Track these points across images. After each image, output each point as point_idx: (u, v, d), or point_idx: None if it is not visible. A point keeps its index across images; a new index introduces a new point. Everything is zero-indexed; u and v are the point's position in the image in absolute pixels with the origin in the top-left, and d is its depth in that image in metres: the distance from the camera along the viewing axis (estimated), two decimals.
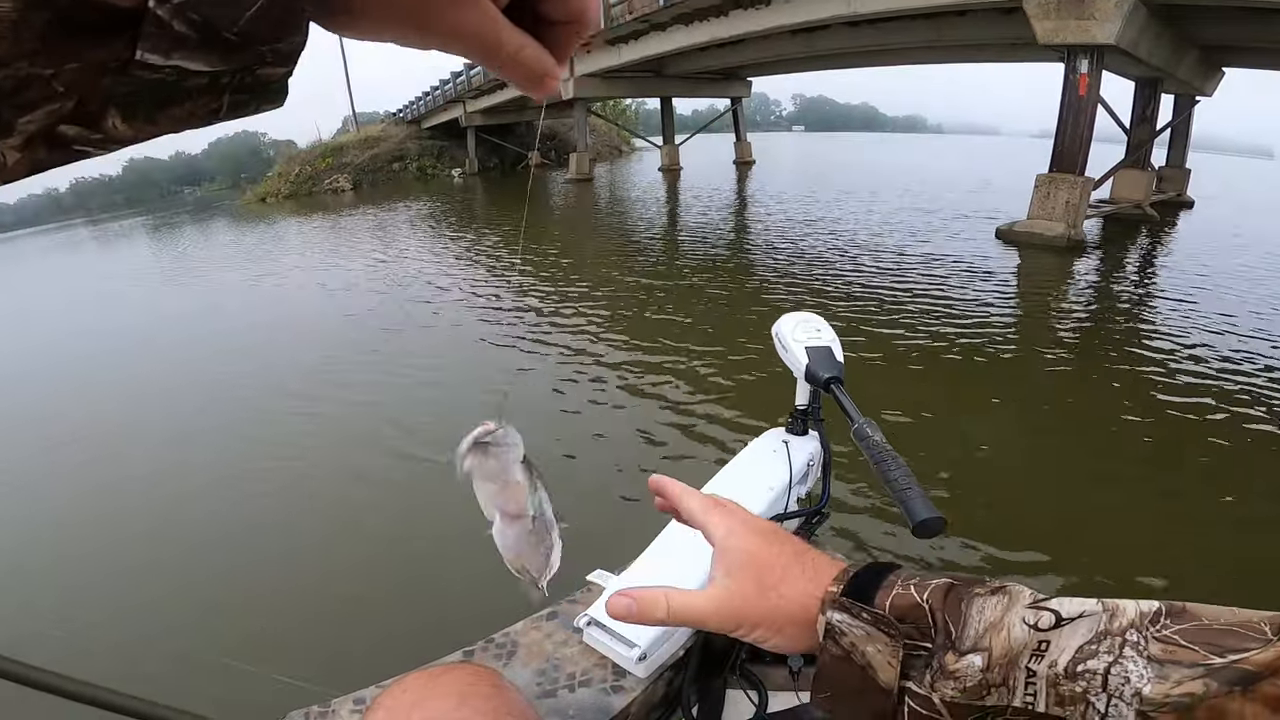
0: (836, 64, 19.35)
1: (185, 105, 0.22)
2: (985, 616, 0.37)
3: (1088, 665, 0.34)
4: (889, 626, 0.39)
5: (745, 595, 0.43)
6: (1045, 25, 8.91)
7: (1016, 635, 0.36)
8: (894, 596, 0.39)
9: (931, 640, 0.38)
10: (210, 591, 3.04)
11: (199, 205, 46.08)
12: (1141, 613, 0.35)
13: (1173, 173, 14.62)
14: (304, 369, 6.12)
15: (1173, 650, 0.32)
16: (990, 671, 0.36)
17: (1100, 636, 0.35)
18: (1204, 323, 6.05)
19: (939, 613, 0.38)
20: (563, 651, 1.30)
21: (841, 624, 0.40)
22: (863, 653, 0.39)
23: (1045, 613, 0.36)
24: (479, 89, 27.33)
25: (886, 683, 0.39)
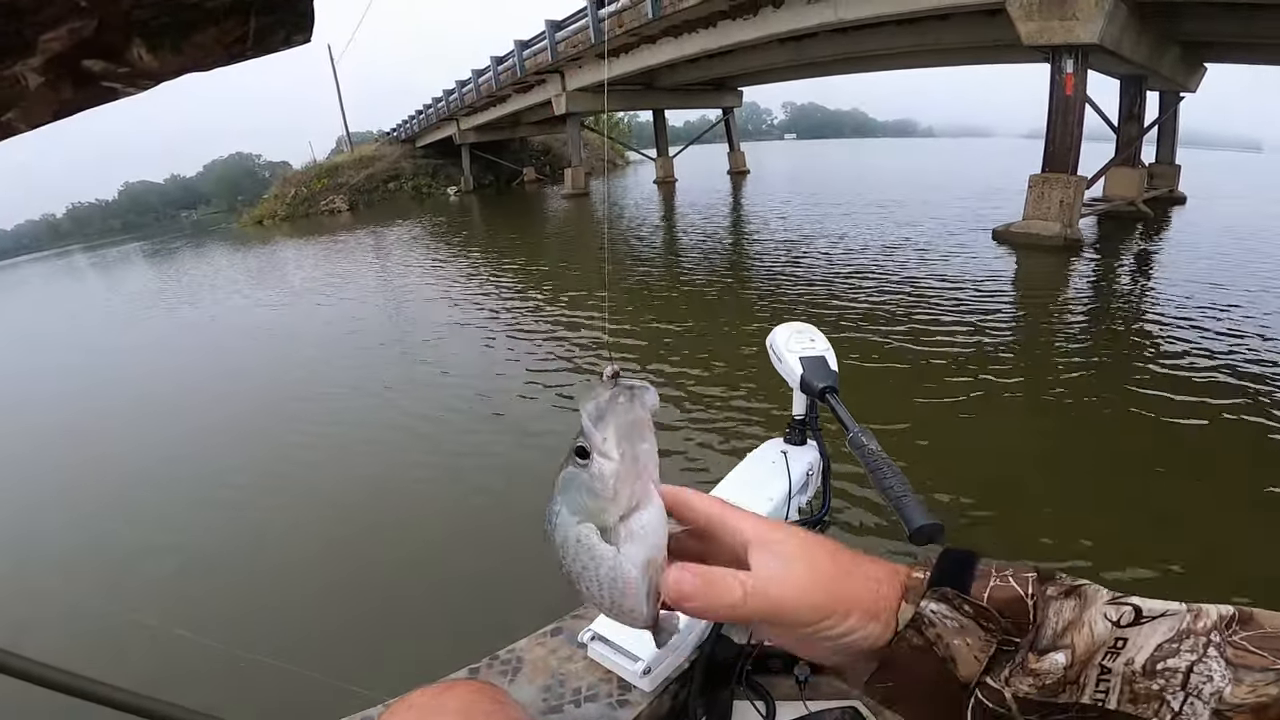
0: (826, 71, 19.51)
1: (210, 30, 0.22)
2: (1063, 615, 0.37)
3: (1168, 664, 0.34)
4: (991, 620, 0.37)
5: (831, 575, 0.39)
6: (1029, 26, 9.01)
7: (1099, 631, 0.36)
8: (993, 588, 0.37)
9: (1024, 635, 0.37)
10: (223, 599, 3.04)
11: (196, 229, 46.24)
12: (1221, 616, 0.35)
13: (1163, 169, 14.71)
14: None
15: (1244, 655, 0.33)
16: (1071, 669, 0.35)
17: (1182, 635, 0.34)
18: (1206, 316, 6.06)
19: (1038, 609, 0.37)
20: (567, 667, 1.29)
21: (935, 615, 0.37)
22: (948, 645, 0.37)
23: (1126, 608, 0.36)
24: (472, 106, 27.50)
25: (966, 677, 0.37)
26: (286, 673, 2.12)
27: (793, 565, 0.39)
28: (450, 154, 34.04)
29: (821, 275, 8.51)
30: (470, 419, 4.99)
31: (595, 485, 0.38)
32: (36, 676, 0.79)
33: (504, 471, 4.05)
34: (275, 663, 2.19)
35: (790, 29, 12.75)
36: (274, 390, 6.36)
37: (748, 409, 4.58)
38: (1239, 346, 5.22)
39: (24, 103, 0.20)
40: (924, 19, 11.61)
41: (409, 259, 13.99)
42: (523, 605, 2.56)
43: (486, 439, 4.58)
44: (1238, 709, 0.32)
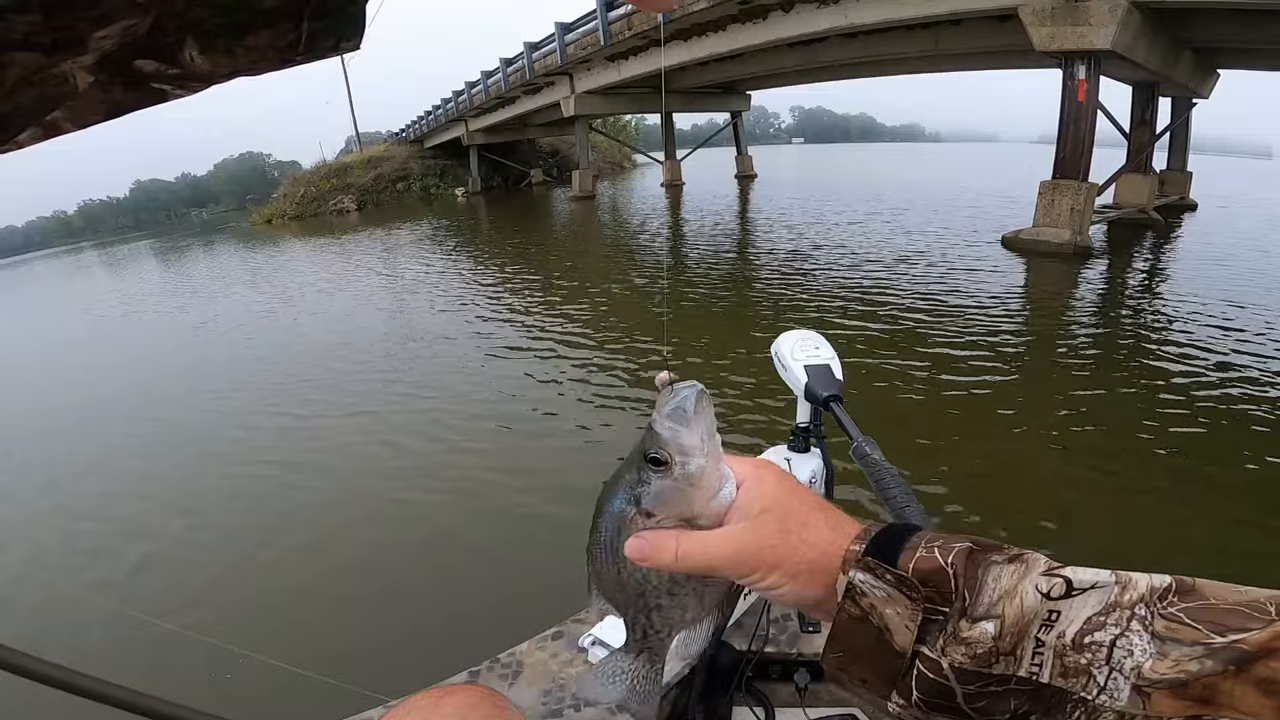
0: (834, 75, 19.47)
1: (264, 33, 0.22)
2: (1001, 584, 0.37)
3: (1095, 637, 0.34)
4: (911, 589, 0.38)
5: (767, 536, 0.42)
6: (1041, 32, 8.96)
7: (1029, 603, 0.36)
8: (918, 559, 0.39)
9: (950, 605, 0.38)
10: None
11: (206, 227, 46.57)
12: (1152, 588, 0.34)
13: (1174, 175, 14.63)
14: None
15: (1175, 628, 0.32)
16: (1001, 639, 0.36)
17: (1110, 608, 0.34)
18: (1219, 325, 6.01)
19: (960, 578, 0.38)
20: (568, 671, 1.30)
21: (864, 584, 0.39)
22: (881, 614, 0.39)
23: (1057, 580, 0.36)
24: (480, 108, 27.60)
25: (901, 646, 0.38)
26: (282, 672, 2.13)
27: (741, 524, 0.42)
28: (458, 155, 34.19)
29: (828, 283, 8.48)
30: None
31: (682, 485, 0.42)
32: (42, 675, 0.80)
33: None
34: (279, 664, 2.20)
35: (799, 33, 12.74)
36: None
37: (751, 416, 4.57)
38: (1252, 360, 5.17)
39: (72, 102, 0.20)
40: (935, 24, 11.57)
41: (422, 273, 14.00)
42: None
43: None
44: (1155, 685, 0.31)
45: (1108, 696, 0.33)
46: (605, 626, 1.26)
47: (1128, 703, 0.32)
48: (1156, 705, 0.31)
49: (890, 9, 10.79)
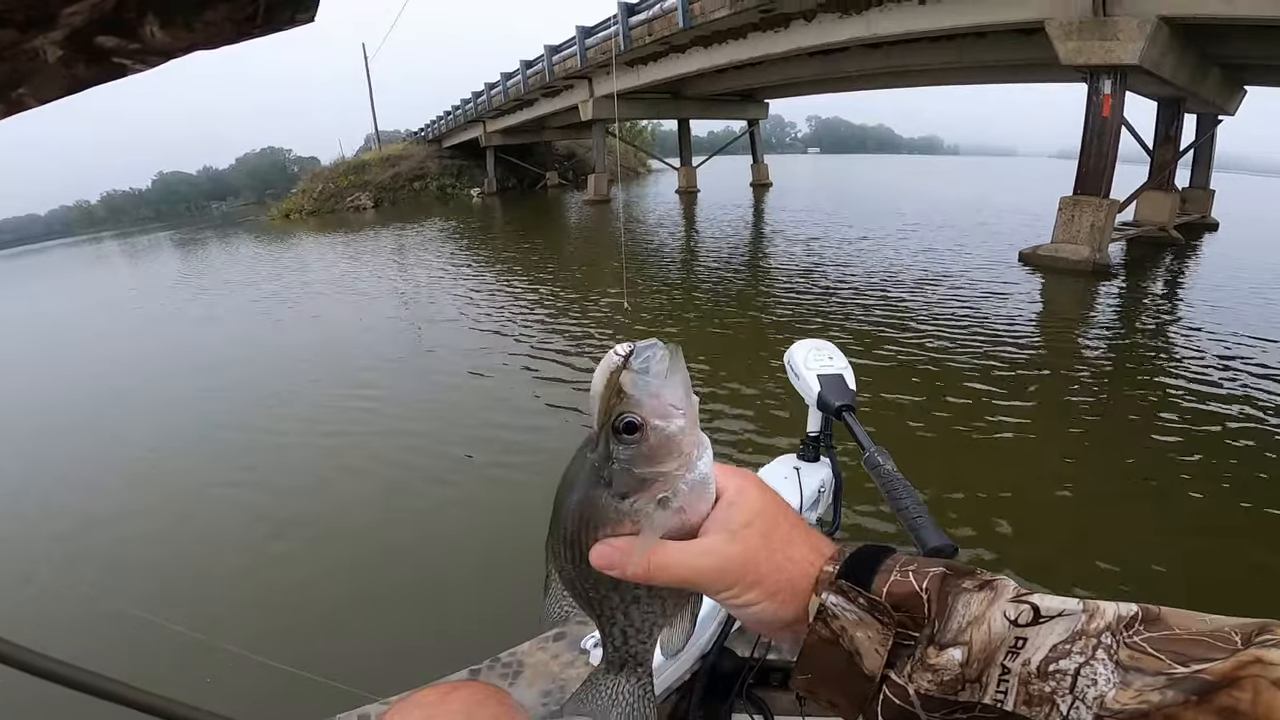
0: (854, 86, 19.44)
1: (221, 7, 0.22)
2: (970, 610, 0.37)
3: (1059, 665, 0.33)
4: (884, 614, 0.37)
5: (751, 550, 0.40)
6: (1068, 46, 8.87)
7: (996, 630, 0.35)
8: (891, 583, 0.38)
9: (920, 630, 0.37)
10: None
11: (225, 220, 47.11)
12: (1119, 616, 0.34)
13: (1196, 194, 14.46)
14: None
15: (1139, 658, 0.32)
16: (968, 666, 0.35)
17: (1075, 637, 0.34)
18: (1236, 353, 5.89)
19: (933, 603, 0.37)
20: (569, 673, 1.29)
21: (835, 607, 0.38)
22: (852, 638, 0.38)
23: (1025, 606, 0.36)
24: (499, 109, 27.80)
25: (871, 670, 0.38)
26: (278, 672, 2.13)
27: (720, 538, 0.40)
28: (475, 155, 34.43)
29: (843, 292, 8.44)
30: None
31: (660, 455, 0.38)
32: (43, 670, 0.80)
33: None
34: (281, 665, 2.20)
35: (821, 43, 12.72)
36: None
37: (760, 424, 4.55)
38: (1268, 387, 5.09)
39: (38, 78, 0.21)
40: (959, 36, 11.51)
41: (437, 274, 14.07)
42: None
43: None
44: (1116, 715, 0.31)
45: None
46: None
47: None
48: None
49: (914, 20, 10.74)
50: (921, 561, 0.39)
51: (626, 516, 0.39)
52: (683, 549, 0.40)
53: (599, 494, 0.39)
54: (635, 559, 0.39)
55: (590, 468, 0.39)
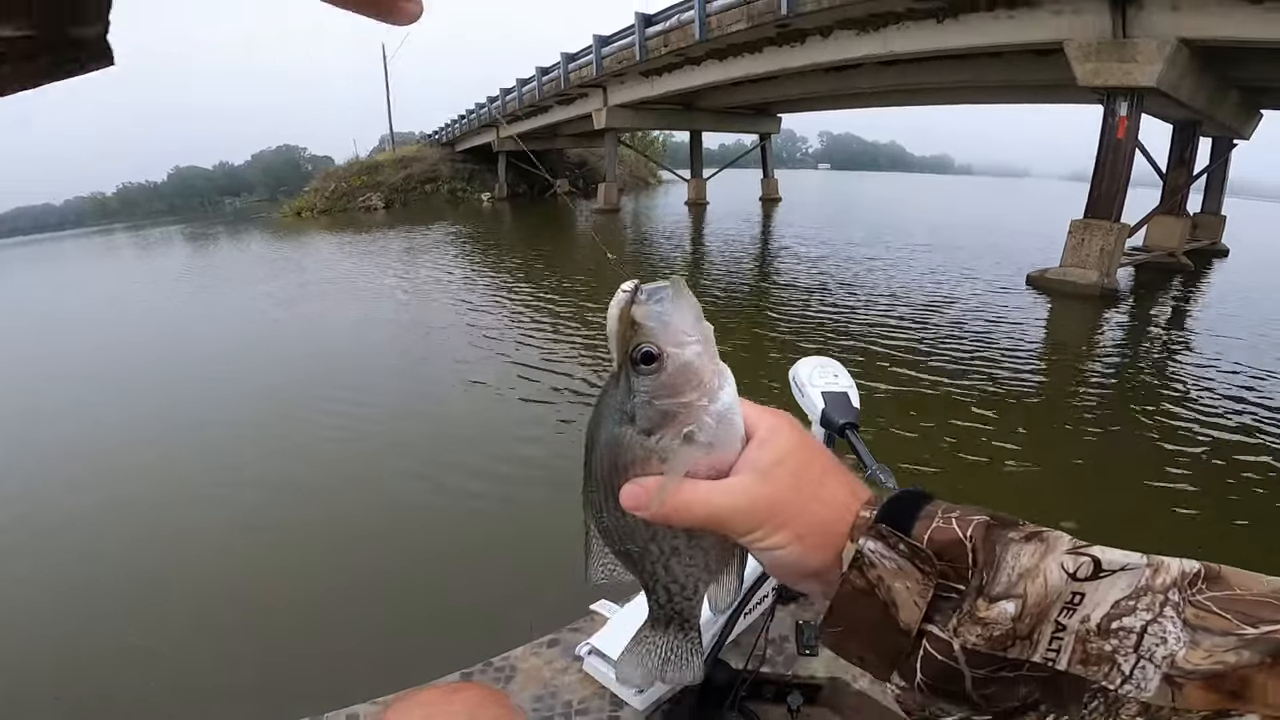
0: (867, 103, 19.51)
1: (4, 67, 0.23)
2: (1021, 561, 0.34)
3: (1123, 623, 0.31)
4: (925, 562, 0.35)
5: (780, 490, 0.38)
6: (1086, 67, 8.86)
7: (1053, 583, 0.33)
8: (934, 529, 0.35)
9: (966, 582, 0.35)
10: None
11: (238, 216, 47.48)
12: (1184, 572, 0.32)
13: (1208, 219, 14.37)
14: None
15: (1205, 617, 0.30)
16: (1020, 621, 0.33)
17: (1140, 593, 0.32)
18: (1241, 386, 5.82)
19: (979, 552, 0.35)
20: (561, 679, 1.28)
21: (874, 554, 0.36)
22: (889, 588, 0.36)
23: (1084, 559, 0.33)
24: (513, 114, 27.98)
25: (906, 623, 0.35)
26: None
27: (748, 478, 0.38)
28: (487, 160, 34.63)
29: (848, 312, 8.40)
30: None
31: (679, 383, 0.37)
32: None
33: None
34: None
35: (836, 59, 12.77)
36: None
37: None
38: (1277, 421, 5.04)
39: None
40: (975, 56, 11.51)
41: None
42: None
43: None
44: (1189, 676, 0.29)
45: (1133, 686, 0.31)
46: (603, 636, 1.24)
47: (1155, 693, 0.30)
48: (1188, 697, 0.29)
49: (931, 39, 10.77)
50: (964, 509, 0.37)
51: (653, 454, 0.38)
52: (708, 487, 0.38)
53: (624, 431, 0.38)
54: (662, 495, 0.38)
55: (614, 406, 0.39)
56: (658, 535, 0.41)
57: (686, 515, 0.38)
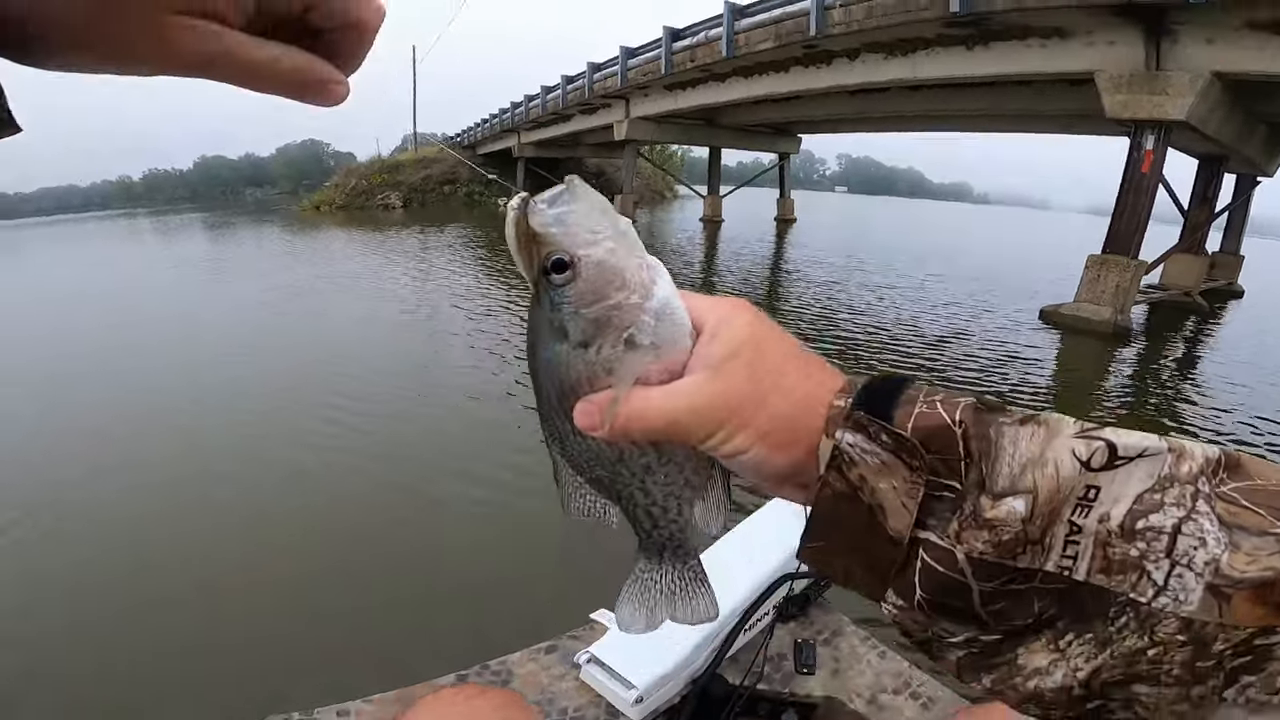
0: (889, 127, 19.55)
1: None
2: (1020, 449, 0.29)
3: (1150, 521, 0.27)
4: (911, 455, 0.30)
5: (734, 386, 0.34)
6: (1116, 99, 8.76)
7: (1065, 473, 0.28)
8: (917, 415, 0.31)
9: (960, 478, 0.30)
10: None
11: (258, 207, 48.02)
12: (1208, 459, 0.28)
13: (1226, 259, 14.19)
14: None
15: (1237, 513, 0.26)
16: (1032, 522, 0.28)
17: (1165, 484, 0.27)
18: (1260, 433, 5.74)
19: (972, 440, 0.30)
20: (558, 686, 1.24)
21: (854, 449, 0.31)
22: (873, 489, 0.31)
23: (1098, 443, 0.29)
24: (536, 121, 28.21)
25: (897, 530, 0.31)
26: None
27: (698, 376, 0.34)
28: (507, 165, 34.92)
29: (858, 340, 8.30)
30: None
31: (601, 285, 0.34)
32: None
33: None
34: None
35: (862, 81, 12.78)
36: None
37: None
38: None
39: None
40: (1003, 83, 11.46)
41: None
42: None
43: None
44: (1238, 585, 0.25)
45: (1170, 599, 0.26)
46: (603, 644, 1.22)
47: (1199, 607, 0.26)
48: (1236, 611, 0.25)
49: (960, 66, 10.73)
50: (948, 392, 0.32)
51: (597, 367, 0.35)
52: (658, 393, 0.34)
53: (561, 351, 0.35)
54: (612, 409, 0.34)
55: (544, 326, 0.36)
56: (624, 455, 0.38)
57: (641, 427, 0.34)
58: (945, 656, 0.32)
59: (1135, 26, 8.34)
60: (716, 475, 0.40)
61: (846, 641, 1.35)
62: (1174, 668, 0.26)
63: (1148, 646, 0.27)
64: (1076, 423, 0.30)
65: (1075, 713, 0.29)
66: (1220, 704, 0.26)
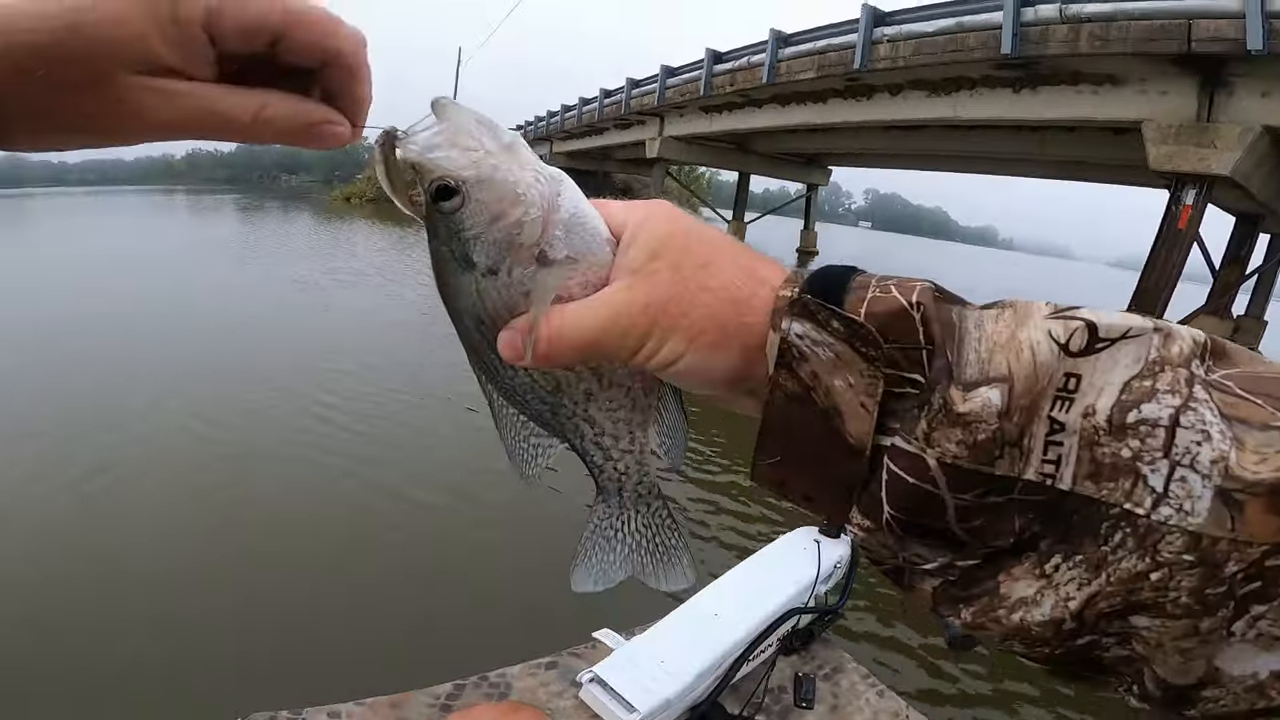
0: (922, 165, 19.51)
1: None
2: (988, 332, 0.26)
3: (1143, 413, 0.23)
4: (868, 343, 0.27)
5: (657, 289, 0.30)
6: (1160, 150, 8.60)
7: (1043, 356, 0.24)
8: (870, 300, 0.27)
9: (923, 368, 0.26)
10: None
11: (291, 193, 48.92)
12: (1196, 340, 0.24)
13: (1250, 323, 13.81)
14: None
15: (1234, 404, 0.22)
16: (1009, 417, 0.24)
17: (1155, 368, 0.23)
18: None
19: (934, 324, 0.26)
20: (556, 703, 1.21)
21: (803, 340, 0.28)
22: (827, 389, 0.27)
23: (1075, 324, 0.25)
24: (569, 132, 28.56)
25: (857, 437, 0.27)
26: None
27: (619, 284, 0.31)
28: None
29: None
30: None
31: (493, 204, 0.31)
32: None
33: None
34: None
35: (900, 118, 12.75)
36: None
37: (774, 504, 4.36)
38: None
39: None
40: (1044, 128, 11.38)
41: None
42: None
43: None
44: (1252, 489, 0.21)
45: (1173, 508, 0.22)
46: (607, 665, 1.19)
47: (1208, 518, 0.22)
48: (1250, 523, 0.21)
49: (1004, 108, 10.65)
50: (903, 278, 0.28)
51: (513, 291, 0.32)
52: (575, 308, 0.31)
53: (470, 281, 0.32)
54: (534, 336, 0.31)
55: (447, 258, 0.33)
56: (561, 384, 0.35)
57: (565, 349, 0.31)
58: (919, 586, 0.28)
59: (1191, 77, 8.23)
60: (668, 394, 0.36)
61: (847, 678, 1.37)
62: (1181, 595, 0.22)
63: (1149, 569, 0.23)
64: (1048, 304, 0.26)
65: (1063, 650, 0.25)
66: (1228, 640, 0.22)
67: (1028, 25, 8.77)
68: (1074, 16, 8.34)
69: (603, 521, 0.38)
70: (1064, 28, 8.45)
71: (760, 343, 0.30)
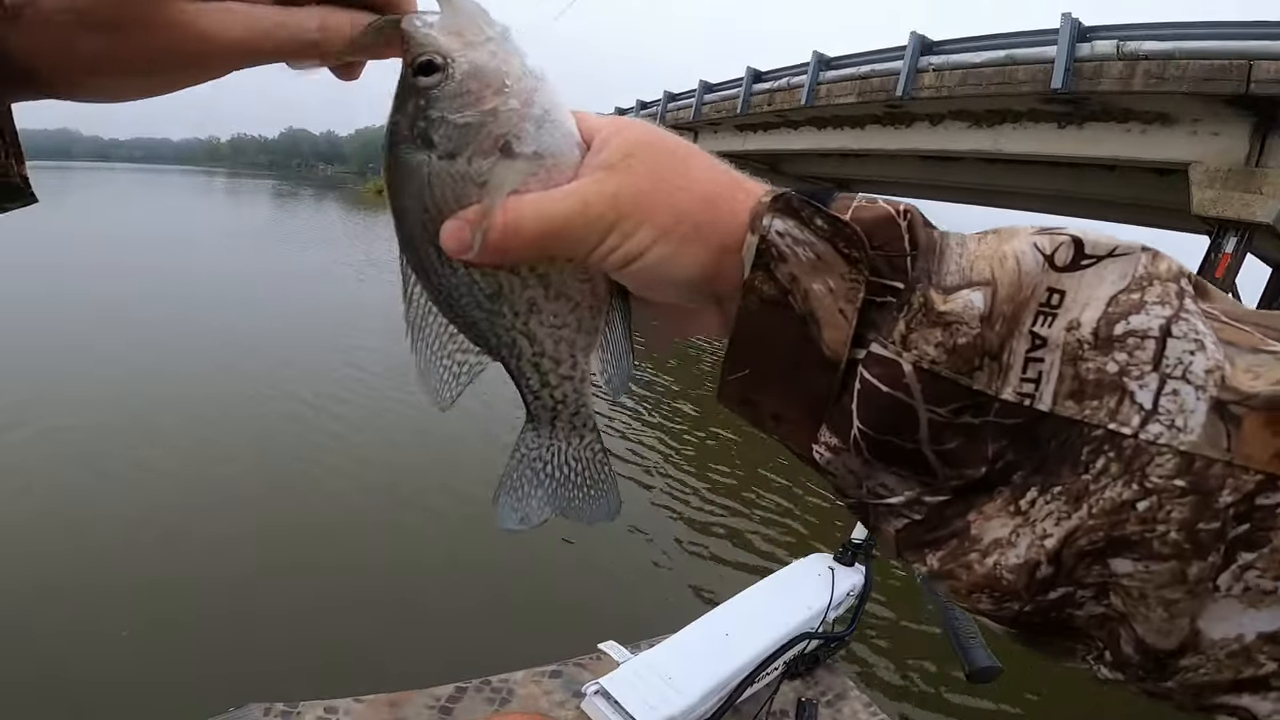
0: (954, 197, 19.26)
1: None
2: (970, 249, 0.25)
3: (1131, 324, 0.22)
4: (850, 244, 0.25)
5: (632, 182, 0.29)
6: (1206, 194, 8.35)
7: (1028, 267, 0.24)
8: (856, 207, 0.27)
9: (906, 275, 0.25)
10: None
11: (326, 183, 49.94)
12: (1181, 269, 0.23)
13: None
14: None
15: (1221, 328, 0.22)
16: (991, 325, 0.23)
17: (1143, 282, 0.22)
18: None
19: (919, 232, 0.26)
20: (558, 713, 1.17)
21: (784, 239, 0.26)
22: (806, 293, 0.26)
23: (1062, 239, 0.24)
24: None
25: (832, 347, 0.26)
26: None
27: (591, 176, 0.30)
28: None
29: None
30: None
31: (477, 89, 0.30)
32: None
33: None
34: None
35: (939, 148, 12.61)
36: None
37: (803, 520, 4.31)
38: None
39: None
40: (1086, 166, 11.15)
41: None
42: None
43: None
44: (1248, 402, 0.20)
45: (1163, 425, 0.21)
46: (614, 678, 1.16)
47: (1203, 435, 0.20)
48: (1248, 441, 0.20)
49: (1047, 143, 10.47)
50: (887, 199, 0.28)
51: (468, 181, 0.30)
52: (538, 195, 0.29)
53: (421, 161, 0.30)
54: (487, 220, 0.29)
55: (404, 134, 0.31)
56: (504, 289, 0.32)
57: (520, 239, 0.29)
58: (884, 527, 0.27)
59: (1246, 119, 8.03)
60: (615, 315, 0.34)
61: (849, 705, 1.37)
62: (1170, 529, 0.20)
63: (1136, 497, 0.21)
64: (1035, 226, 0.26)
65: (1033, 606, 0.23)
66: (1213, 595, 0.20)
67: (1081, 60, 8.65)
68: (1131, 54, 8.19)
69: (530, 452, 0.36)
70: (1119, 64, 8.31)
71: (736, 243, 0.28)
